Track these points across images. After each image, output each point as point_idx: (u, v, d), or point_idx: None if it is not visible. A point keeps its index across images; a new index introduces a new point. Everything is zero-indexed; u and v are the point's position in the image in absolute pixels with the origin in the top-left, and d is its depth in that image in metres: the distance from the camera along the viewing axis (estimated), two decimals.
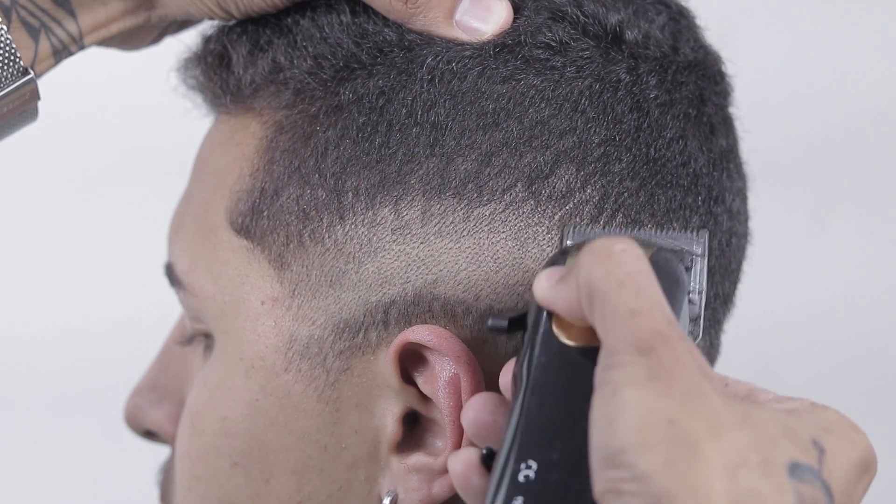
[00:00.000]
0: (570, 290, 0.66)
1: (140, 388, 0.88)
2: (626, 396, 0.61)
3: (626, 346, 0.62)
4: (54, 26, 0.78)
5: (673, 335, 0.62)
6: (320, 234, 0.77)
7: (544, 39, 0.77)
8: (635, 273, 0.64)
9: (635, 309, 0.63)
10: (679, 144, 0.78)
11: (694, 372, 0.62)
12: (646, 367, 0.62)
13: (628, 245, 0.65)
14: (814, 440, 0.64)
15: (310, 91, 0.78)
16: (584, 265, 0.65)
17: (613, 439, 0.61)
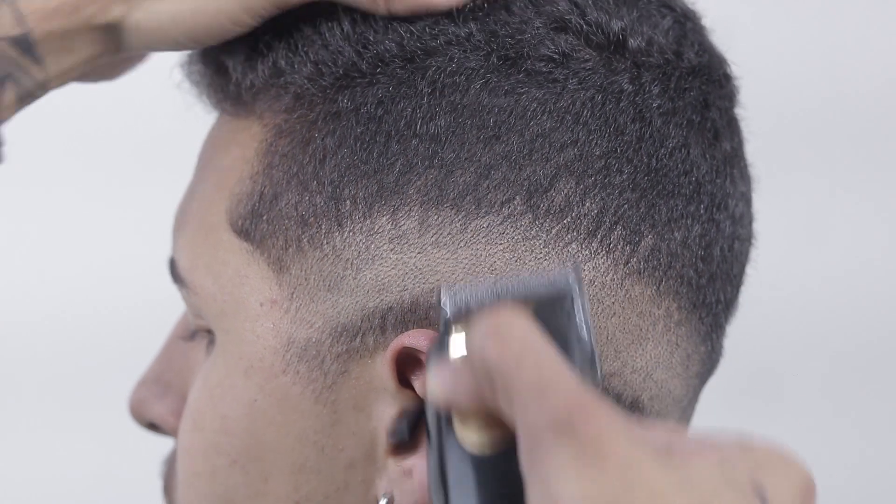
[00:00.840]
0: (467, 383, 0.62)
1: (144, 380, 0.88)
2: (560, 486, 0.58)
3: (544, 431, 0.58)
4: (20, 75, 0.77)
5: (587, 404, 0.58)
6: (319, 240, 0.77)
7: (546, 52, 0.76)
8: (528, 347, 0.60)
9: (541, 386, 0.59)
10: (681, 153, 0.78)
11: (620, 440, 0.58)
12: (570, 448, 0.58)
13: (510, 315, 0.61)
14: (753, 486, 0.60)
15: (309, 97, 0.78)
16: (475, 352, 0.61)
17: None
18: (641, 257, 0.77)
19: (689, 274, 0.78)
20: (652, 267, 0.77)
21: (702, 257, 0.79)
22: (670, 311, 0.78)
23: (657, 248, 0.77)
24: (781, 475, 0.62)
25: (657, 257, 0.77)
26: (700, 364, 0.81)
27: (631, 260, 0.77)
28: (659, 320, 0.78)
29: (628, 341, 0.77)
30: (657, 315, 0.78)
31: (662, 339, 0.78)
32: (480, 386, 0.62)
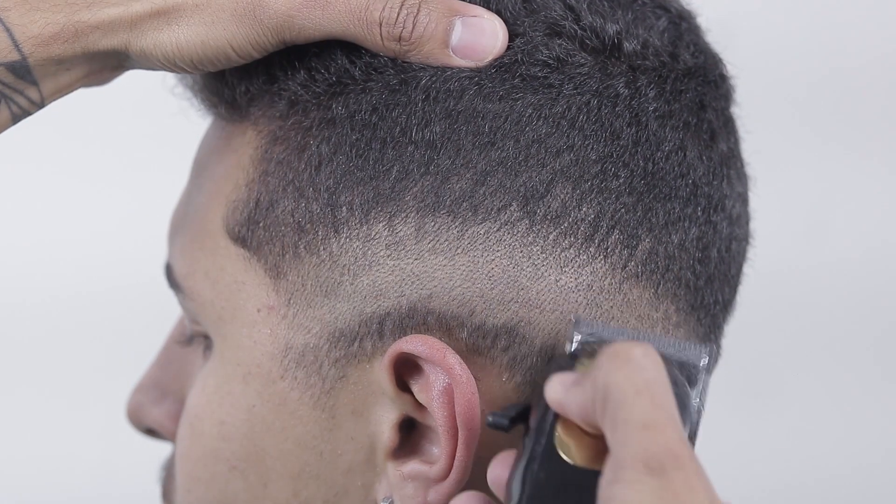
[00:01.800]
0: (585, 392, 0.64)
1: (142, 385, 0.88)
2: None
3: (636, 462, 0.60)
4: (16, 96, 0.76)
5: (685, 456, 0.61)
6: (315, 247, 0.77)
7: (541, 57, 0.76)
8: (653, 382, 0.62)
9: (649, 422, 0.61)
10: (678, 156, 0.78)
11: (702, 499, 0.60)
12: (655, 488, 0.60)
13: (648, 350, 0.63)
14: None
15: (303, 103, 0.77)
16: (603, 368, 0.63)
17: None
18: (639, 261, 0.77)
19: (686, 276, 0.78)
20: (650, 270, 0.77)
21: (699, 259, 0.79)
22: (669, 313, 0.78)
23: (655, 251, 0.77)
24: None
25: (655, 260, 0.77)
26: None
27: (629, 264, 0.76)
28: (657, 323, 0.78)
29: None
30: (656, 318, 0.78)
31: None
32: (593, 402, 0.64)
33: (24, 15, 0.75)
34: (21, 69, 0.76)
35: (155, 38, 0.76)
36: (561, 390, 0.66)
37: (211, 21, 0.76)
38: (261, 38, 0.76)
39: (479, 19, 0.76)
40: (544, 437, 0.66)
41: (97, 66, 0.78)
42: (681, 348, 0.71)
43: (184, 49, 0.76)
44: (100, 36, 0.76)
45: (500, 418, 0.69)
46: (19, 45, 0.75)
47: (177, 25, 0.76)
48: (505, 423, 0.69)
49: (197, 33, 0.76)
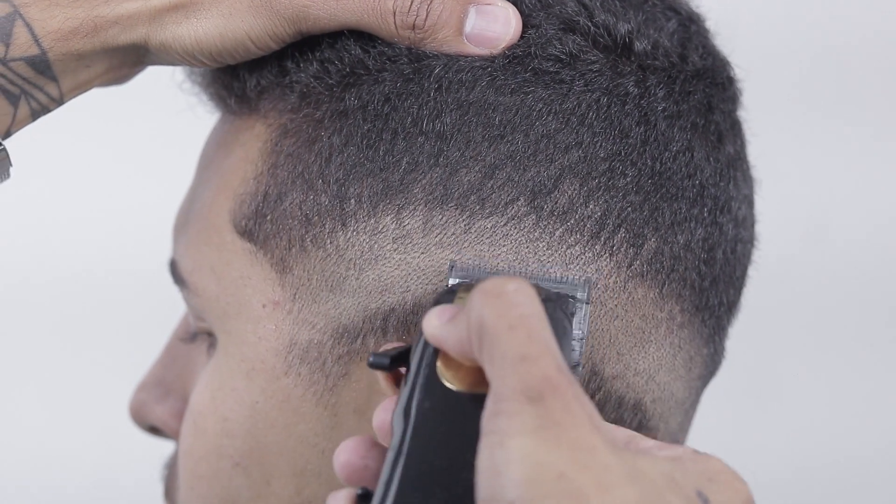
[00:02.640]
0: (460, 329, 0.64)
1: (145, 383, 0.88)
2: (515, 447, 0.60)
3: (515, 393, 0.61)
4: (35, 92, 0.77)
5: (563, 383, 0.61)
6: (322, 240, 0.77)
7: (554, 52, 0.76)
8: (528, 316, 0.62)
9: (525, 354, 0.61)
10: (685, 156, 0.78)
11: (584, 423, 0.61)
12: (534, 417, 0.60)
13: (521, 285, 0.63)
14: (698, 491, 0.63)
15: (315, 95, 0.78)
16: (476, 304, 0.63)
17: (501, 491, 0.60)
18: (645, 260, 0.77)
19: (691, 277, 0.78)
20: (655, 270, 0.77)
21: (705, 260, 0.79)
22: (673, 313, 0.78)
23: (660, 250, 0.77)
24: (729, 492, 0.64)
25: (660, 260, 0.77)
26: (702, 366, 0.81)
27: (634, 263, 0.77)
28: (662, 323, 0.78)
29: (631, 344, 0.77)
30: (660, 318, 0.78)
31: (665, 341, 0.78)
32: (469, 338, 0.64)
33: (44, 10, 0.76)
34: (41, 64, 0.76)
35: (174, 31, 0.77)
36: (438, 325, 0.66)
37: (228, 13, 0.76)
38: (278, 28, 0.76)
39: (493, 7, 0.76)
40: (426, 369, 0.66)
41: (116, 62, 0.78)
42: (559, 281, 0.72)
43: (203, 42, 0.77)
44: (119, 31, 0.77)
45: (381, 358, 0.69)
46: (39, 40, 0.76)
47: (195, 18, 0.76)
48: (385, 362, 0.69)
49: (215, 25, 0.76)
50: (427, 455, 0.64)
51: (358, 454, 0.69)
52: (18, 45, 0.76)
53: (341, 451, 0.70)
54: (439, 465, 0.64)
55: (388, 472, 0.64)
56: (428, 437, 0.65)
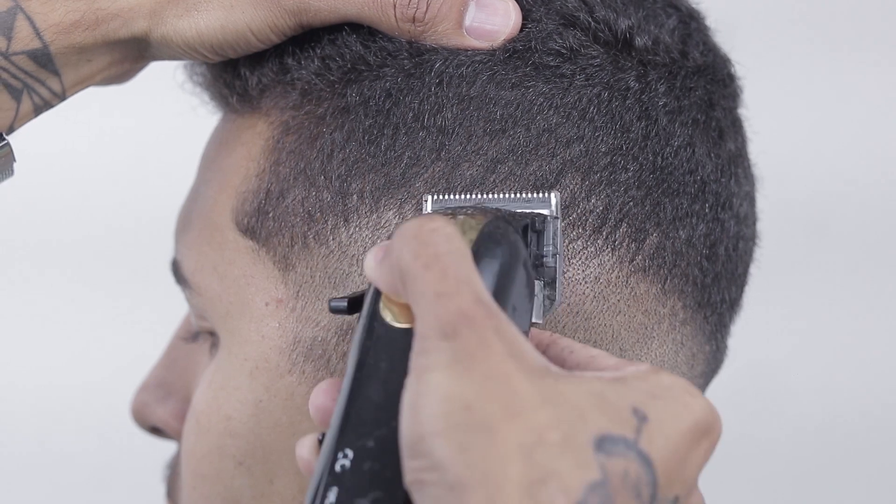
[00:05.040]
0: (388, 269, 0.65)
1: (146, 384, 0.88)
2: (428, 382, 0.60)
3: (432, 330, 0.61)
4: (37, 86, 0.77)
5: (478, 315, 0.61)
6: (325, 237, 0.77)
7: (555, 46, 0.77)
8: (443, 254, 0.63)
9: (440, 291, 0.62)
10: (687, 152, 0.78)
11: (498, 353, 0.61)
12: (449, 352, 0.60)
13: (438, 224, 0.64)
14: (634, 408, 0.62)
15: (317, 92, 0.78)
16: (395, 247, 0.64)
17: (415, 426, 0.60)
18: (647, 255, 0.77)
19: (694, 272, 0.78)
20: (657, 265, 0.77)
21: (706, 256, 0.79)
22: (675, 309, 0.78)
23: (662, 246, 0.77)
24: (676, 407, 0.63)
25: (662, 255, 0.77)
26: (705, 363, 0.81)
27: (636, 257, 0.77)
28: (664, 319, 0.78)
29: (633, 339, 0.77)
30: (662, 313, 0.78)
31: (668, 337, 0.78)
32: (395, 279, 0.64)
33: (45, 4, 0.76)
34: (43, 57, 0.76)
35: (175, 24, 0.77)
36: (372, 265, 0.66)
37: (230, 5, 0.76)
38: (279, 20, 0.77)
39: (493, 0, 0.76)
40: (371, 308, 0.66)
41: (118, 56, 0.78)
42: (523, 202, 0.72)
43: (204, 34, 0.77)
44: (120, 24, 0.77)
45: (339, 301, 0.70)
46: (41, 33, 0.76)
47: (196, 11, 0.77)
48: (343, 305, 0.69)
49: (216, 18, 0.77)
50: (367, 393, 0.64)
51: (329, 396, 0.69)
52: (20, 39, 0.76)
53: (315, 394, 0.69)
54: (378, 402, 0.64)
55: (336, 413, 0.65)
56: (369, 374, 0.65)
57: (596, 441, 0.60)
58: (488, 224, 0.67)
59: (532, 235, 0.71)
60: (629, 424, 0.61)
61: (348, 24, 0.77)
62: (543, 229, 0.71)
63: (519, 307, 0.67)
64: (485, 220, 0.67)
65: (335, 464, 0.63)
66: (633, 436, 0.61)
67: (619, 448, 0.61)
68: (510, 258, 0.67)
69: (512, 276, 0.66)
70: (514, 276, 0.67)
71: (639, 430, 0.61)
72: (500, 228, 0.67)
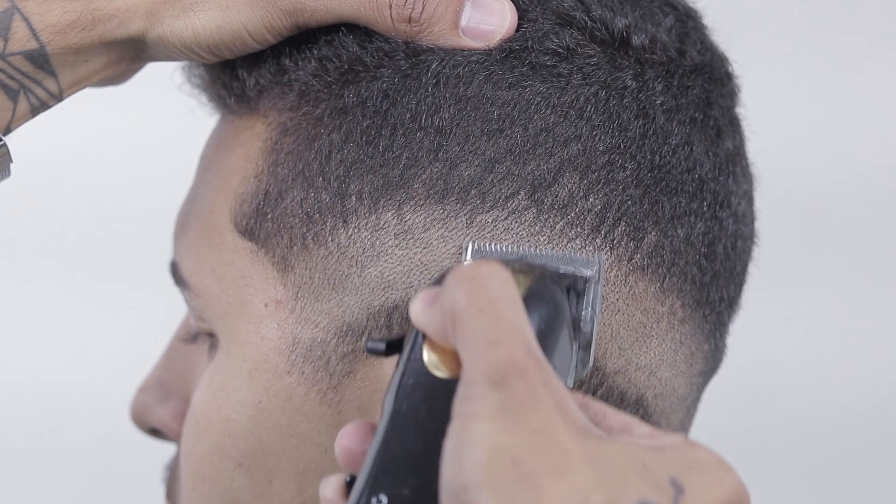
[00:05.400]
0: (437, 312, 0.64)
1: (146, 385, 0.88)
2: (475, 431, 0.59)
3: (481, 377, 0.60)
4: (34, 87, 0.77)
5: (529, 366, 0.60)
6: (323, 238, 0.77)
7: (551, 46, 0.77)
8: (497, 299, 0.62)
9: (493, 338, 0.61)
10: (685, 150, 0.78)
11: (547, 407, 0.60)
12: (497, 401, 0.60)
13: (495, 269, 0.63)
14: (672, 479, 0.61)
15: (314, 93, 0.78)
16: (449, 288, 0.63)
17: (458, 475, 0.59)
18: (645, 254, 0.77)
19: (692, 271, 0.78)
20: (656, 264, 0.77)
21: (705, 255, 0.79)
22: (674, 308, 0.78)
23: (661, 244, 0.77)
24: (711, 482, 0.63)
25: (661, 254, 0.77)
26: (704, 362, 0.81)
27: (635, 256, 0.77)
28: (663, 317, 0.78)
29: (632, 338, 0.77)
30: (661, 312, 0.78)
31: (666, 336, 0.78)
32: (444, 322, 0.64)
33: (42, 4, 0.76)
34: (39, 58, 0.76)
35: (171, 24, 0.77)
36: (420, 309, 0.65)
37: (226, 5, 0.77)
38: (275, 20, 0.77)
39: (489, 0, 0.77)
40: (412, 353, 0.66)
41: (115, 57, 0.79)
42: (566, 260, 0.72)
43: (200, 35, 0.77)
44: (116, 24, 0.77)
45: (377, 343, 0.69)
46: (37, 34, 0.76)
47: (192, 11, 0.77)
48: (381, 347, 0.69)
49: (212, 18, 0.77)
50: (404, 440, 0.64)
51: (357, 439, 0.69)
52: (17, 40, 0.76)
53: (342, 437, 0.69)
54: (415, 450, 0.64)
55: (370, 457, 0.65)
56: (407, 421, 0.64)
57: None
58: (536, 281, 0.67)
59: (573, 296, 0.71)
60: (667, 495, 0.61)
61: (345, 24, 0.78)
62: (584, 291, 0.71)
63: (558, 368, 0.67)
64: (532, 276, 0.67)
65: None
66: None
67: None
68: (555, 318, 0.67)
69: (556, 337, 0.66)
70: (557, 336, 0.67)
71: (676, 501, 0.61)
72: (547, 288, 0.67)
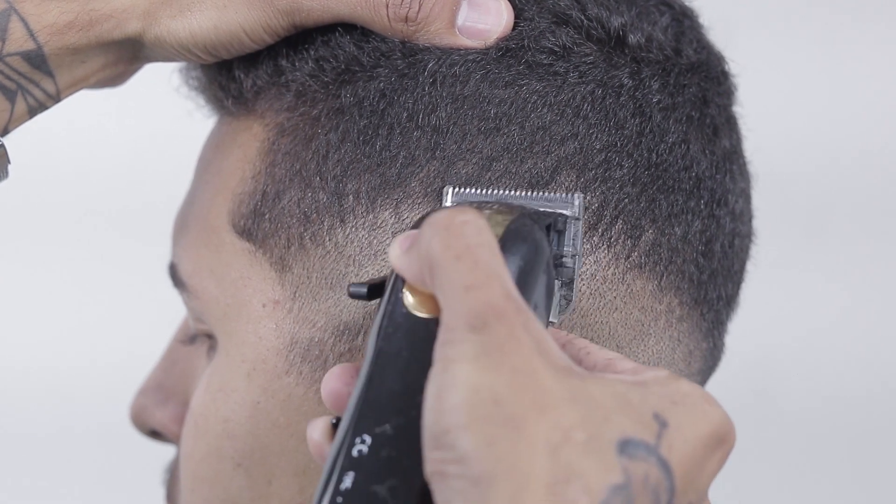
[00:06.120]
0: (415, 259, 0.65)
1: (145, 387, 0.88)
2: (455, 374, 0.60)
3: (461, 321, 0.61)
4: (31, 87, 0.77)
5: (508, 309, 0.61)
6: (321, 237, 0.77)
7: (548, 44, 0.77)
8: (474, 246, 0.63)
9: (470, 284, 0.62)
10: (681, 148, 0.78)
11: (526, 348, 0.61)
12: (477, 344, 0.60)
13: (470, 216, 0.64)
14: (656, 413, 0.62)
15: (311, 93, 0.78)
16: (425, 237, 0.64)
17: (440, 418, 0.60)
18: (642, 252, 0.77)
19: (690, 269, 0.78)
20: (653, 261, 0.77)
21: (702, 252, 0.79)
22: (672, 306, 0.78)
23: (658, 242, 0.77)
24: (696, 415, 0.63)
25: (658, 252, 0.77)
26: (702, 361, 0.81)
27: (632, 254, 0.77)
28: (661, 316, 0.78)
29: (630, 336, 0.77)
30: (659, 310, 0.78)
31: (664, 334, 0.78)
32: (421, 268, 0.64)
33: (39, 5, 0.76)
34: (37, 59, 0.76)
35: (168, 25, 0.77)
36: (398, 254, 0.66)
37: (223, 5, 0.77)
38: (272, 20, 0.77)
39: None
40: (393, 295, 0.66)
41: (112, 58, 0.79)
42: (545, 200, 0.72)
43: (197, 35, 0.77)
44: (114, 25, 0.77)
45: (360, 287, 0.69)
46: (34, 35, 0.76)
47: (189, 12, 0.77)
48: (363, 291, 0.69)
49: (209, 18, 0.77)
50: (386, 380, 0.64)
51: (343, 381, 0.69)
52: (14, 41, 0.76)
53: (328, 379, 0.69)
54: (397, 390, 0.64)
55: (353, 399, 0.65)
56: (388, 362, 0.65)
57: (619, 444, 0.61)
58: (514, 220, 0.67)
59: (553, 235, 0.71)
60: (651, 429, 0.62)
61: (341, 24, 0.78)
62: (565, 229, 0.71)
63: (540, 305, 0.67)
64: (511, 216, 0.67)
65: (352, 448, 0.63)
66: (654, 441, 0.62)
67: (641, 452, 0.61)
68: (535, 256, 0.67)
69: (536, 274, 0.67)
70: (537, 274, 0.67)
71: (659, 435, 0.62)
72: (526, 226, 0.67)
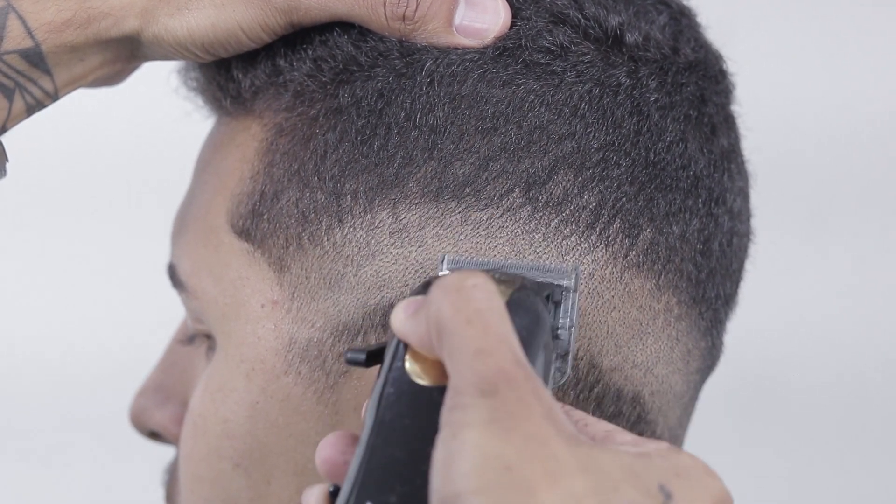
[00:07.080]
0: (421, 323, 0.65)
1: (145, 388, 0.88)
2: (465, 439, 0.60)
3: (470, 386, 0.61)
4: (29, 85, 0.77)
5: (518, 376, 0.61)
6: (319, 237, 0.77)
7: (545, 44, 0.77)
8: (484, 311, 0.62)
9: (481, 348, 0.61)
10: (679, 147, 0.78)
11: (537, 415, 0.60)
12: (488, 410, 0.60)
13: (480, 281, 0.64)
14: (661, 485, 0.62)
15: (309, 93, 0.78)
16: (434, 300, 0.63)
17: (450, 483, 0.59)
18: (640, 250, 0.77)
19: (688, 268, 0.78)
20: (651, 260, 0.77)
21: (701, 251, 0.79)
22: (670, 305, 0.78)
23: (656, 241, 0.77)
24: (698, 487, 0.63)
25: (656, 251, 0.77)
26: (701, 360, 0.81)
27: (630, 253, 0.77)
28: (659, 315, 0.78)
29: (628, 336, 0.77)
30: (657, 309, 0.78)
31: (663, 333, 0.78)
32: (429, 333, 0.64)
33: (37, 3, 0.77)
34: (34, 56, 0.77)
35: (166, 23, 0.77)
36: (402, 319, 0.66)
37: (220, 4, 0.77)
38: (269, 19, 0.77)
39: None
40: (395, 362, 0.66)
41: (110, 56, 0.79)
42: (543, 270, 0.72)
43: (195, 33, 0.77)
44: (111, 22, 0.77)
45: (357, 353, 0.69)
46: (32, 32, 0.76)
47: (187, 10, 0.77)
48: (362, 357, 0.69)
49: (207, 16, 0.77)
50: (389, 448, 0.64)
51: (338, 450, 0.69)
52: (12, 38, 0.76)
53: (322, 447, 0.69)
54: (401, 458, 0.63)
55: (354, 467, 0.64)
56: (391, 430, 0.64)
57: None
58: (517, 291, 0.67)
59: (550, 306, 0.71)
60: (657, 501, 0.62)
61: (339, 23, 0.78)
62: (561, 301, 0.71)
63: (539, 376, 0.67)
64: (513, 286, 0.67)
65: None
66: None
67: None
68: (536, 327, 0.67)
69: (537, 345, 0.67)
70: (539, 344, 0.67)
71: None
72: (529, 297, 0.67)
